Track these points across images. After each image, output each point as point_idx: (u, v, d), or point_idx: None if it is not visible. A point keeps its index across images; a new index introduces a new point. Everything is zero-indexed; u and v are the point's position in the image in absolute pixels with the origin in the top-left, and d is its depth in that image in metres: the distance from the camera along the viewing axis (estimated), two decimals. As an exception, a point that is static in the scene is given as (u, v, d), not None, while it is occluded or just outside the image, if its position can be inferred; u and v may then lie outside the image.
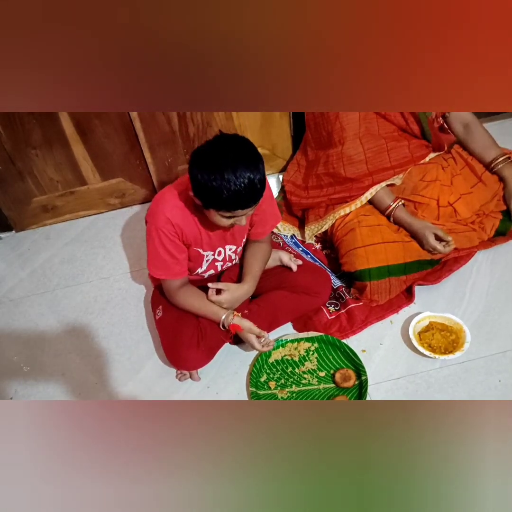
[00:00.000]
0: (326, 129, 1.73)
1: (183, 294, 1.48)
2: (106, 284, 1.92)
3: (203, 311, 1.48)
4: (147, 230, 1.41)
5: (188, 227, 1.39)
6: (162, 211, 1.36)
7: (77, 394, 1.58)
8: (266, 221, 1.54)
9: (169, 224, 1.36)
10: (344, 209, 1.73)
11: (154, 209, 1.39)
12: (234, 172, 1.15)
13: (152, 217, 1.38)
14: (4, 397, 1.59)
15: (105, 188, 2.15)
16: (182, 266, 1.45)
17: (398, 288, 1.65)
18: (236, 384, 1.55)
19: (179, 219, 1.37)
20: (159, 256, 1.41)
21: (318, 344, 1.59)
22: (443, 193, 1.73)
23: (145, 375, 1.61)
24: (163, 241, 1.38)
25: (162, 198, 1.39)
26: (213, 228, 1.42)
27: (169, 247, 1.39)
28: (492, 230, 1.77)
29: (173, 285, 1.48)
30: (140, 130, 1.97)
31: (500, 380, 1.44)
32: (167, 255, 1.40)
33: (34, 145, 1.94)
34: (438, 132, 1.80)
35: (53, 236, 2.16)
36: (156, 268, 1.44)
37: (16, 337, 1.77)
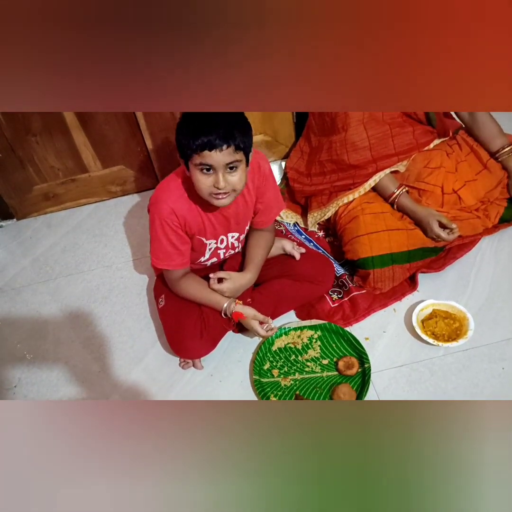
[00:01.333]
0: (329, 115, 1.71)
1: (184, 284, 1.47)
2: (109, 272, 1.92)
3: (205, 300, 1.47)
4: (150, 219, 1.39)
5: (192, 217, 1.38)
6: (166, 201, 1.34)
7: (80, 382, 1.59)
8: (270, 209, 1.53)
9: (173, 215, 1.34)
10: (348, 197, 1.72)
11: (158, 199, 1.36)
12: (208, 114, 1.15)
13: (155, 206, 1.36)
14: (7, 385, 1.60)
15: (106, 175, 2.14)
16: (184, 257, 1.44)
17: (402, 276, 1.64)
18: (240, 372, 1.55)
19: (184, 210, 1.35)
20: (162, 247, 1.40)
21: (321, 332, 1.59)
22: (448, 180, 1.71)
23: (148, 363, 1.61)
24: (166, 232, 1.37)
25: (166, 188, 1.37)
26: (216, 215, 1.41)
27: (172, 238, 1.38)
28: (497, 218, 1.76)
29: (175, 275, 1.47)
30: (141, 117, 1.95)
31: (504, 368, 1.44)
32: (170, 246, 1.39)
33: (34, 132, 1.92)
34: (443, 118, 1.78)
35: (55, 224, 2.15)
36: (158, 259, 1.43)
37: (19, 326, 1.78)
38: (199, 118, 1.17)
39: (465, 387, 1.42)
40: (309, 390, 1.47)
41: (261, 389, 1.47)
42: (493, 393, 1.39)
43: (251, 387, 1.50)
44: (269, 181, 1.47)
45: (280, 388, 1.48)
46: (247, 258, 1.54)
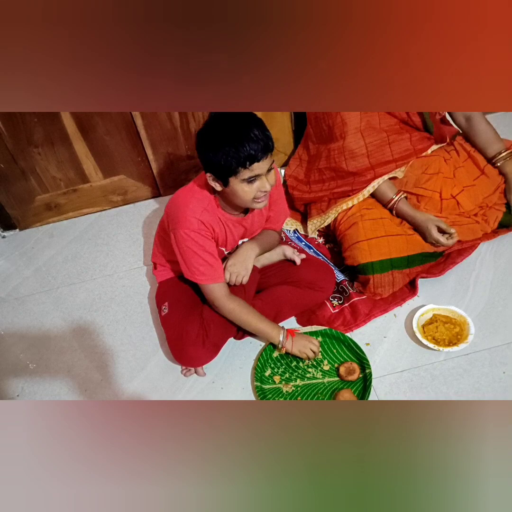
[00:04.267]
0: (327, 124, 1.73)
1: (234, 307, 1.44)
2: (110, 281, 1.93)
3: (258, 328, 1.48)
4: (180, 239, 1.36)
5: (218, 228, 1.41)
6: (193, 215, 1.35)
7: (83, 391, 1.59)
8: (279, 216, 1.59)
9: (203, 225, 1.36)
10: (347, 203, 1.73)
11: (182, 216, 1.36)
12: (240, 129, 1.20)
13: (183, 224, 1.35)
14: (10, 395, 1.61)
15: (107, 185, 2.16)
16: (222, 267, 1.46)
17: (402, 281, 1.65)
18: (241, 379, 1.55)
19: (211, 220, 1.38)
20: (202, 261, 1.38)
21: (322, 338, 1.59)
22: (446, 185, 1.73)
23: (150, 371, 1.61)
24: (202, 244, 1.36)
25: (187, 205, 1.37)
26: (236, 226, 1.45)
27: (208, 249, 1.38)
28: (496, 223, 1.77)
29: (222, 291, 1.43)
30: (142, 127, 1.97)
31: (505, 372, 1.44)
32: (209, 256, 1.39)
33: (36, 143, 1.94)
34: (440, 124, 1.80)
35: (57, 234, 2.17)
36: (204, 275, 1.40)
37: (22, 335, 1.78)
38: (236, 134, 1.20)
39: (467, 392, 1.42)
40: (310, 396, 1.47)
41: (263, 395, 1.47)
42: (494, 397, 1.39)
43: (252, 394, 1.50)
44: (280, 189, 1.53)
45: (282, 394, 1.48)
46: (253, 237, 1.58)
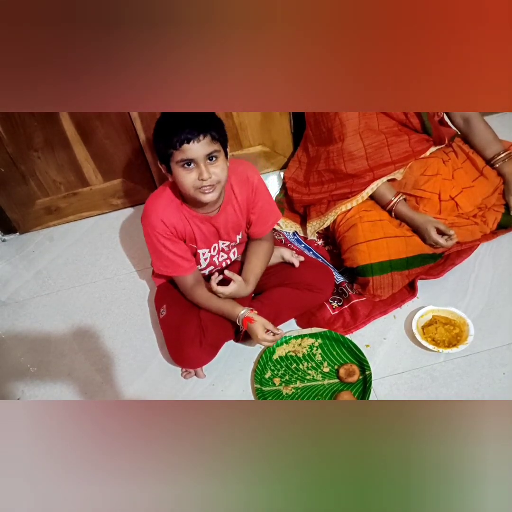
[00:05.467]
0: (326, 126, 1.73)
1: (196, 293, 1.49)
2: (110, 284, 1.93)
3: (216, 307, 1.48)
4: (144, 232, 1.44)
5: (181, 225, 1.42)
6: (154, 212, 1.39)
7: (83, 393, 1.59)
8: (265, 219, 1.55)
9: (163, 225, 1.38)
10: (346, 205, 1.74)
11: (147, 211, 1.41)
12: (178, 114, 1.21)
13: (145, 219, 1.42)
14: (11, 398, 1.61)
15: (107, 188, 2.16)
16: (189, 261, 1.47)
17: (401, 283, 1.65)
18: (241, 381, 1.55)
19: (172, 218, 1.39)
20: (163, 255, 1.44)
21: (321, 340, 1.59)
22: (445, 187, 1.73)
23: (150, 373, 1.62)
24: (162, 242, 1.41)
25: (154, 199, 1.42)
26: (205, 224, 1.44)
27: (170, 247, 1.42)
28: (494, 224, 1.77)
29: (188, 282, 1.49)
30: (141, 130, 1.97)
31: (504, 373, 1.44)
32: (170, 254, 1.43)
33: (36, 147, 1.95)
34: (439, 126, 1.80)
35: (57, 238, 2.17)
36: (165, 267, 1.46)
37: (22, 338, 1.79)
38: (172, 119, 1.23)
39: (467, 393, 1.42)
40: (310, 398, 1.47)
41: (263, 397, 1.47)
42: (494, 398, 1.39)
43: (252, 396, 1.51)
44: (259, 192, 1.49)
45: (282, 396, 1.49)
46: (247, 269, 1.55)
